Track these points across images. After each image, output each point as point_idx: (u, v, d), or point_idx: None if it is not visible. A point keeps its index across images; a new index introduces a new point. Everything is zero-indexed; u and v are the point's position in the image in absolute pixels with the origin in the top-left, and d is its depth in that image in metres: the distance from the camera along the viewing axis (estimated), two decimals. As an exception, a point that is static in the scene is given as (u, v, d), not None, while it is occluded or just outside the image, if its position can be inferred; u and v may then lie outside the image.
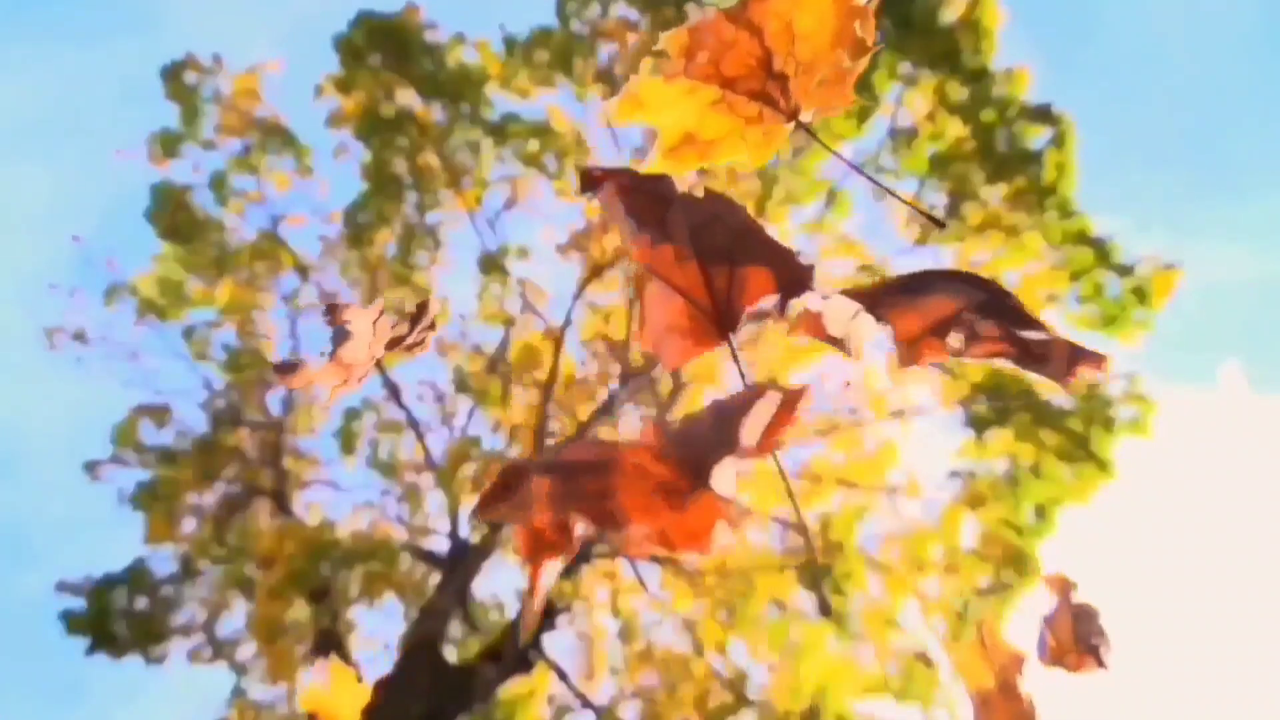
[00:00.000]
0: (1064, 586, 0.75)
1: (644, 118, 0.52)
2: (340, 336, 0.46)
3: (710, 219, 0.47)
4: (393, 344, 0.48)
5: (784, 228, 5.97)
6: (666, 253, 0.47)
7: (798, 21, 0.50)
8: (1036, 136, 5.87)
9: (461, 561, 5.87)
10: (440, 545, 6.37)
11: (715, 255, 0.47)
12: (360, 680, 0.75)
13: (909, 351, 0.43)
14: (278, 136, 6.69)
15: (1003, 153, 5.86)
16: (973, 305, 0.43)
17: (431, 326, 0.49)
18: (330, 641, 5.79)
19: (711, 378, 5.80)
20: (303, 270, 6.72)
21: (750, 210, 0.46)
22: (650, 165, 0.53)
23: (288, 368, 0.49)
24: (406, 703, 4.89)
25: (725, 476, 0.33)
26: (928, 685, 5.72)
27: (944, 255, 6.16)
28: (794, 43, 0.50)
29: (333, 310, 0.47)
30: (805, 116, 0.52)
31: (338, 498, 8.76)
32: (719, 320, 0.47)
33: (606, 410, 6.25)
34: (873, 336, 0.45)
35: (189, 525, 6.31)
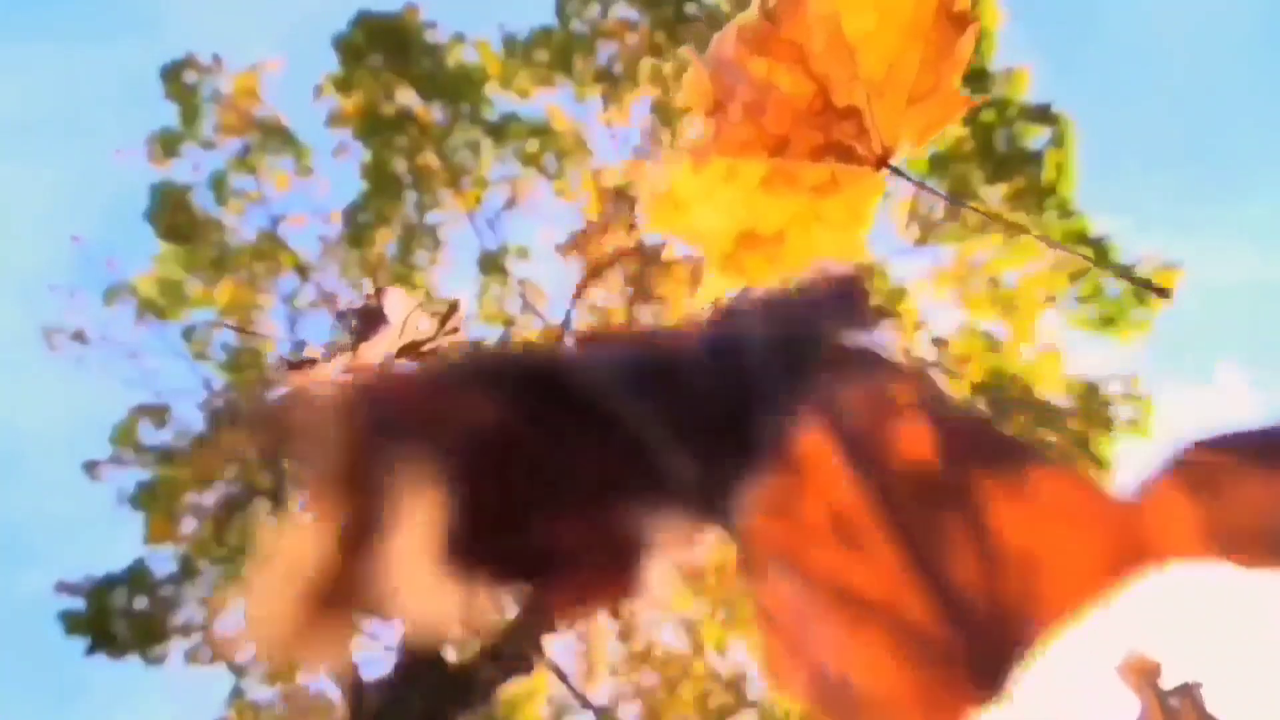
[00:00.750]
0: (1149, 674, 0.52)
1: (686, 224, 0.35)
2: (372, 324, 0.45)
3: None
4: (414, 346, 0.47)
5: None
6: (819, 538, 0.20)
7: (849, 22, 0.31)
8: (1036, 136, 5.87)
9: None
10: (440, 545, 6.37)
11: (932, 524, 0.19)
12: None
13: None
14: (277, 136, 6.68)
15: (1003, 153, 5.86)
16: None
17: (455, 331, 0.49)
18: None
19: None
20: (303, 270, 6.72)
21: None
22: (704, 290, 0.36)
23: (297, 366, 0.49)
24: (406, 703, 4.89)
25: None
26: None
27: (943, 255, 6.15)
28: (854, 56, 0.31)
29: (377, 294, 0.46)
30: (900, 156, 0.34)
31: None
32: (976, 662, 0.18)
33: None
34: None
35: (189, 525, 6.31)
